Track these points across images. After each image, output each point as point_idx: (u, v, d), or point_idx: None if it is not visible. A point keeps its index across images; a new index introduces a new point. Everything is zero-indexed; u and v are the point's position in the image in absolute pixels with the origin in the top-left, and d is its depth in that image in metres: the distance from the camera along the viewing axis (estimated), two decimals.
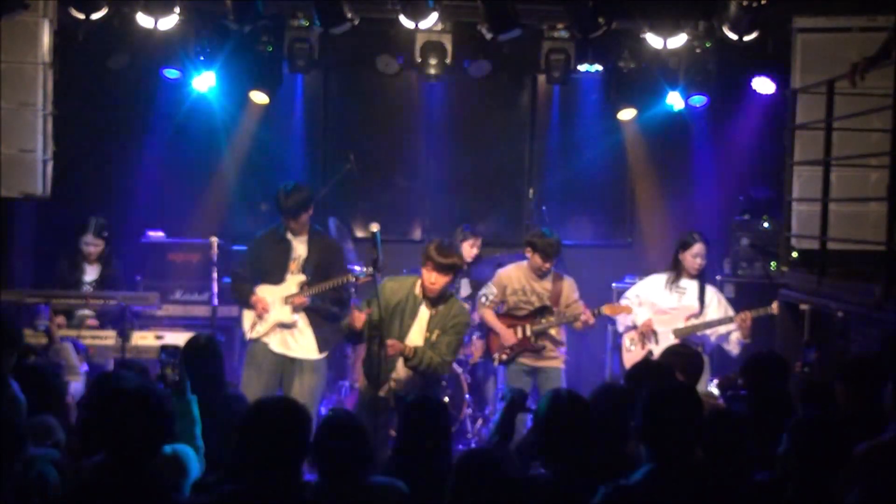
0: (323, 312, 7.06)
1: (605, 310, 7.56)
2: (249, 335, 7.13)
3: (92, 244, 7.82)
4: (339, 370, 8.62)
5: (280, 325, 7.04)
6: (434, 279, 6.36)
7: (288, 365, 7.08)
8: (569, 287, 7.54)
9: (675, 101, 8.73)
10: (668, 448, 3.53)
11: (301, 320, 7.05)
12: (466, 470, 3.62)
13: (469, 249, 8.61)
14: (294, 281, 7.04)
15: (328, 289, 6.89)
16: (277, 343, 7.08)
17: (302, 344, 7.08)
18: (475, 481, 3.56)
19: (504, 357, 7.54)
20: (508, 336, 7.51)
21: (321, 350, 7.09)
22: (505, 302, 7.59)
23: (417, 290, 6.48)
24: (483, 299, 7.68)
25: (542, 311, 7.49)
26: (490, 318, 7.63)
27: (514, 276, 7.57)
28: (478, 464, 3.64)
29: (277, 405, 3.65)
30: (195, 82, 8.45)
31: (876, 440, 4.13)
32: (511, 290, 7.54)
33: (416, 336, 6.46)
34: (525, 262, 7.56)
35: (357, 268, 7.48)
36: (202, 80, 8.42)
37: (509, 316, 7.57)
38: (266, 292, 7.07)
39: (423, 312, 6.48)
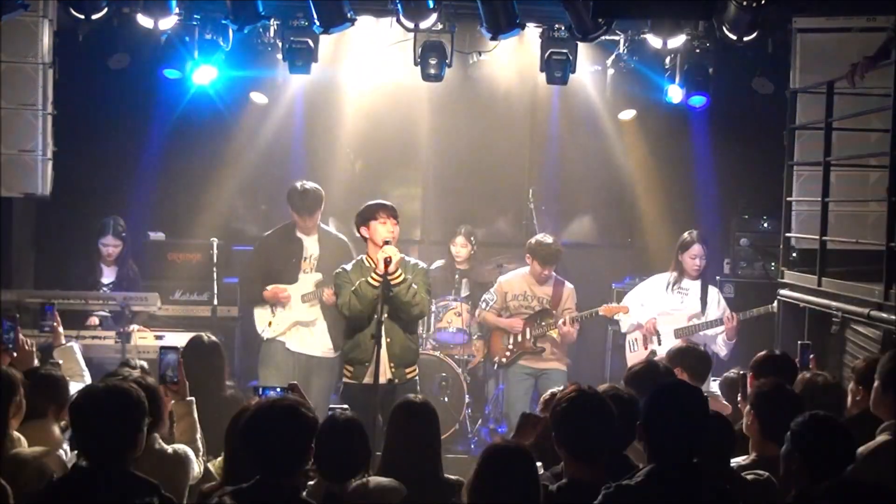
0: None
1: (603, 310, 7.60)
2: (266, 335, 7.12)
3: (111, 245, 7.84)
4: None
5: (298, 323, 7.05)
6: (391, 227, 6.21)
7: (305, 363, 7.09)
8: (568, 293, 7.66)
9: (674, 94, 8.69)
10: (670, 447, 3.50)
11: (318, 319, 7.07)
12: (497, 463, 3.57)
13: (458, 249, 8.59)
14: (310, 279, 7.06)
15: None
16: (297, 342, 7.09)
17: (322, 342, 7.11)
18: (506, 476, 3.51)
19: (504, 360, 7.60)
20: (515, 323, 7.61)
21: (336, 349, 7.11)
22: (506, 308, 7.72)
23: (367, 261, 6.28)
24: (483, 304, 7.82)
25: (542, 314, 7.62)
26: (491, 318, 7.77)
27: (515, 282, 7.71)
28: (509, 458, 3.59)
29: (284, 407, 3.62)
30: (196, 76, 8.40)
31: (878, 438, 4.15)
32: (511, 295, 7.70)
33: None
34: (527, 269, 7.70)
35: None
36: (203, 73, 8.38)
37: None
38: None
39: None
